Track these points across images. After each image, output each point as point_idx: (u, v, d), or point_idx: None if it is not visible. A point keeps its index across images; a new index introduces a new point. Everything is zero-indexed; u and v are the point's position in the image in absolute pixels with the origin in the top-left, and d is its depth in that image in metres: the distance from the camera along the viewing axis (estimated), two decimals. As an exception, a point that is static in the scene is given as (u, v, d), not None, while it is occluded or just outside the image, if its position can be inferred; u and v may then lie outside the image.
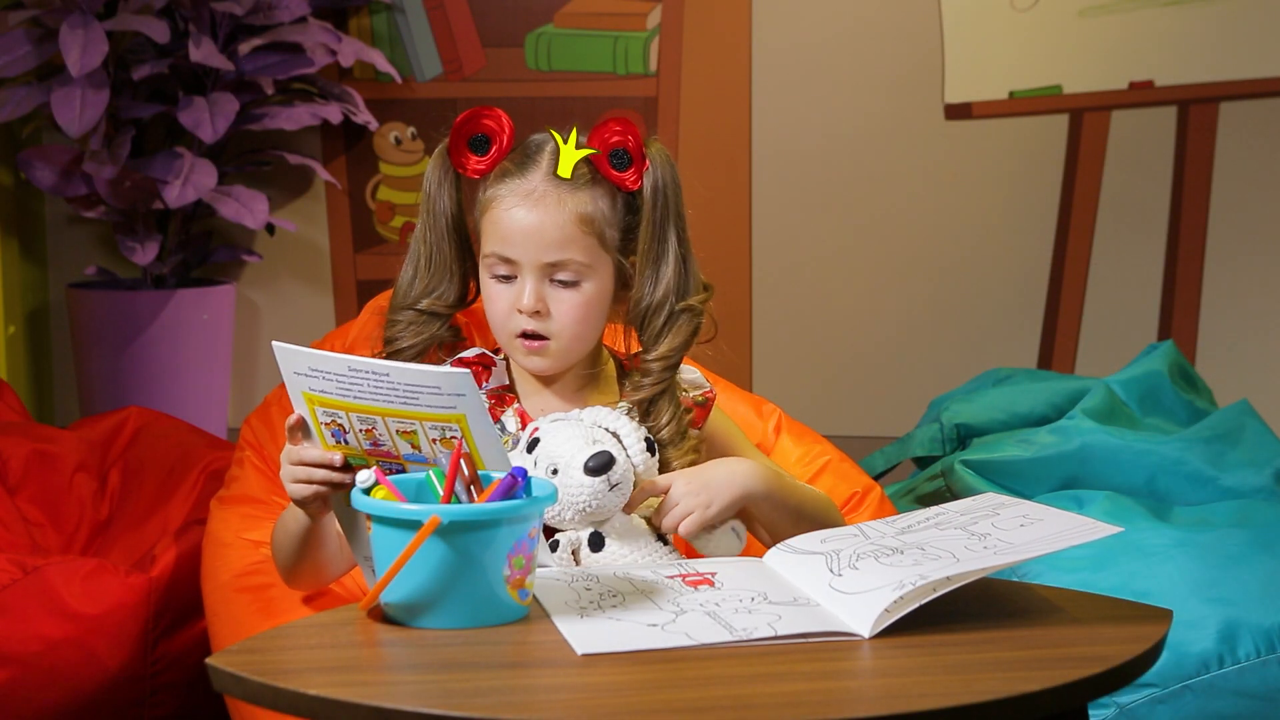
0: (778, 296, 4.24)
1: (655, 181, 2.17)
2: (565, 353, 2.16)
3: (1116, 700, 2.51)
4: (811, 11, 4.17)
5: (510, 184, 2.14)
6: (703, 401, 2.24)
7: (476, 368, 2.21)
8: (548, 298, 2.13)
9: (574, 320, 2.14)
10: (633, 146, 2.16)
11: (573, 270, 2.13)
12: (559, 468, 2.06)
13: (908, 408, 3.91)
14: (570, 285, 2.14)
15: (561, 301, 2.14)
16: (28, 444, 2.94)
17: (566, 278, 2.13)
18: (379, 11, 4.22)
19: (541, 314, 2.13)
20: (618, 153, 2.16)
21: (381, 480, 1.86)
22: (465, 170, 2.18)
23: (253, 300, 4.31)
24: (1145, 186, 4.15)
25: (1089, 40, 4.11)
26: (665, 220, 2.17)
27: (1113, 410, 3.03)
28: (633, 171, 2.16)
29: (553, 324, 2.14)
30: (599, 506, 2.06)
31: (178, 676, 2.59)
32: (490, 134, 2.17)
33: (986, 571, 1.86)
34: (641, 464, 2.11)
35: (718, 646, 1.78)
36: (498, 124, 2.17)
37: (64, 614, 2.50)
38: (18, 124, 4.06)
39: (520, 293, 2.13)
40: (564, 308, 2.14)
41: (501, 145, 2.17)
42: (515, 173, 2.15)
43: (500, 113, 2.18)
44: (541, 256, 2.12)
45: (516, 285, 2.14)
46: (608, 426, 2.11)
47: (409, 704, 1.63)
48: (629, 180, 2.16)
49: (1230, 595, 2.53)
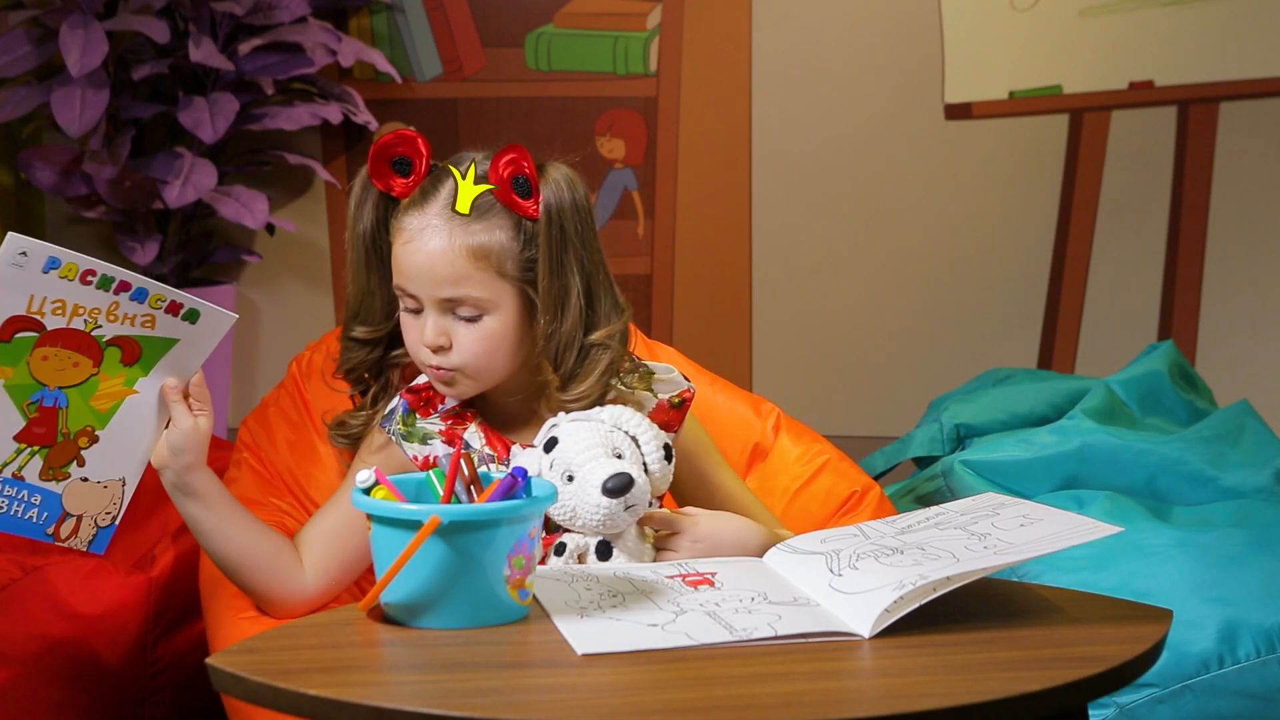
0: (778, 296, 4.24)
1: (549, 209, 2.11)
2: (478, 380, 2.14)
3: (1116, 700, 2.51)
4: (811, 12, 4.17)
5: (409, 218, 2.12)
6: (678, 403, 2.22)
7: (427, 393, 2.20)
8: (451, 331, 2.11)
9: (477, 354, 2.12)
10: (529, 173, 2.10)
11: (470, 305, 2.10)
12: (575, 476, 2.05)
13: (908, 408, 3.91)
14: (471, 320, 2.11)
15: (463, 335, 2.11)
16: (28, 444, 2.93)
17: (466, 313, 2.11)
18: (379, 11, 4.22)
19: (445, 348, 2.12)
20: (519, 180, 2.11)
21: (381, 480, 1.86)
22: (391, 191, 2.15)
23: (253, 300, 4.31)
24: (1145, 186, 4.15)
25: (1089, 40, 4.11)
26: (564, 250, 2.11)
27: (1113, 410, 3.03)
28: (534, 200, 2.11)
29: (455, 357, 2.12)
30: (612, 525, 2.06)
31: (178, 676, 2.59)
32: (410, 157, 2.14)
33: (986, 571, 1.86)
34: (659, 471, 2.10)
35: (718, 646, 1.78)
36: (413, 149, 2.14)
37: (64, 614, 2.50)
38: (18, 124, 4.06)
39: (423, 326, 2.12)
40: (466, 342, 2.11)
41: (418, 171, 2.14)
42: (415, 206, 2.12)
43: (414, 133, 2.14)
44: (436, 292, 2.10)
45: (421, 319, 2.13)
46: (628, 430, 2.10)
47: (409, 704, 1.63)
48: (531, 208, 2.11)
49: (1230, 595, 2.53)
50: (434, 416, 2.18)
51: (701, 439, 2.27)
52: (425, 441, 2.17)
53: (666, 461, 2.11)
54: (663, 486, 2.13)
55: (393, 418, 2.18)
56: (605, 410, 2.10)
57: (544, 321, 2.12)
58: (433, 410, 2.19)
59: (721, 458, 2.30)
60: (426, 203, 2.11)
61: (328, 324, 4.26)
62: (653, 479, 2.09)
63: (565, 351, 2.13)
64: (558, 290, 2.11)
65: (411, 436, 2.17)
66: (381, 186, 2.15)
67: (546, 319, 2.11)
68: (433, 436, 2.17)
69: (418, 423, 2.18)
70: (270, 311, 4.32)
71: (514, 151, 2.11)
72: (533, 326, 2.14)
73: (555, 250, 2.11)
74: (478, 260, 2.09)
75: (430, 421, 2.18)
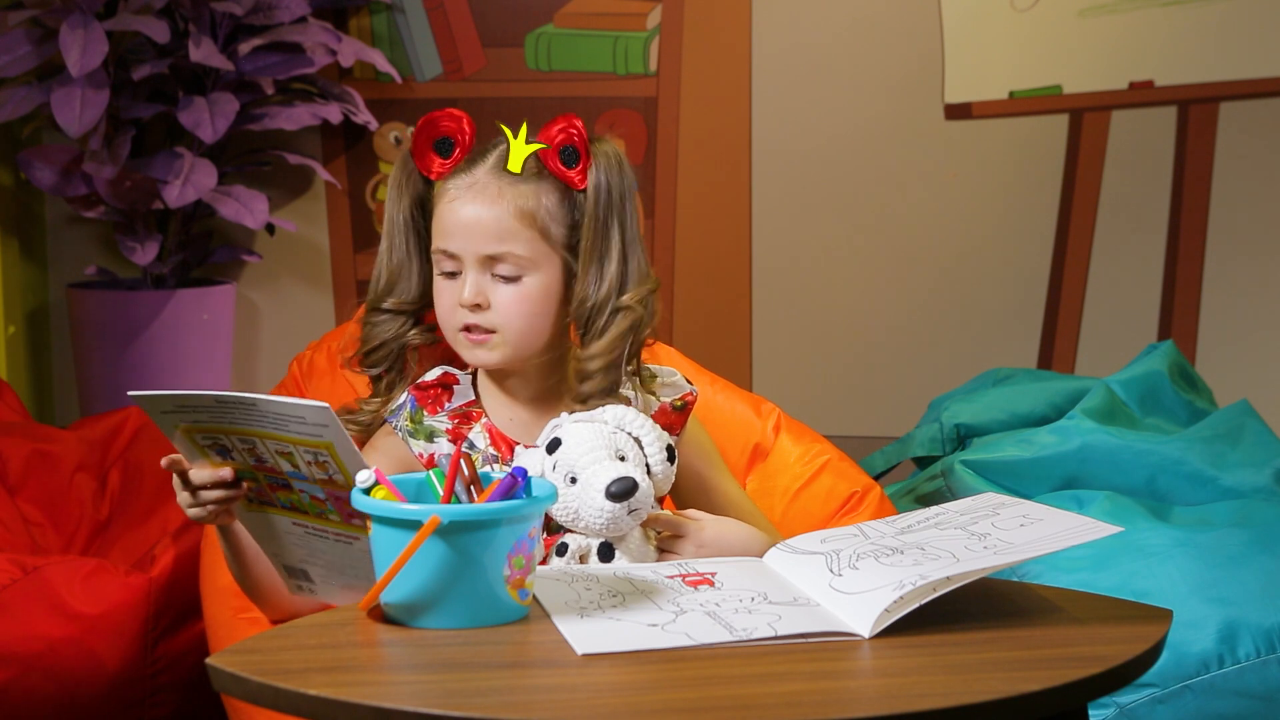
0: (778, 296, 4.24)
1: (599, 179, 2.14)
2: (513, 345, 2.14)
3: (1116, 700, 2.51)
4: (811, 11, 4.17)
5: (454, 180, 2.14)
6: (680, 406, 2.23)
7: (435, 390, 2.21)
8: (489, 291, 2.13)
9: (515, 314, 2.13)
10: (579, 143, 2.14)
11: (513, 264, 2.12)
12: (578, 478, 2.05)
13: (908, 408, 3.91)
14: (511, 279, 2.13)
15: (502, 295, 2.13)
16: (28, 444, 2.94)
17: (507, 271, 2.12)
18: (379, 11, 4.22)
19: (482, 307, 2.12)
20: (567, 149, 2.14)
21: (381, 480, 1.86)
22: (430, 172, 2.17)
23: (253, 300, 4.31)
24: (1145, 186, 4.15)
25: (1089, 40, 4.11)
26: (609, 216, 2.14)
27: (1113, 410, 3.03)
28: (580, 169, 2.15)
29: (495, 317, 2.13)
30: (615, 528, 2.06)
31: (178, 676, 2.59)
32: (452, 135, 2.16)
33: (986, 571, 1.86)
34: (661, 473, 2.10)
35: (718, 646, 1.77)
36: (458, 125, 2.17)
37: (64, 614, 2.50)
38: (18, 124, 4.06)
39: (461, 286, 2.13)
40: (503, 301, 2.13)
41: (464, 145, 2.16)
42: (463, 170, 2.15)
43: (461, 114, 2.18)
44: (480, 249, 2.11)
45: (460, 280, 2.13)
46: (631, 431, 2.09)
47: (409, 704, 1.63)
48: (577, 178, 2.15)
49: (1230, 595, 2.53)
50: (441, 414, 2.19)
51: (703, 443, 2.27)
52: (431, 439, 2.17)
53: (669, 463, 2.11)
54: (665, 488, 2.13)
55: (400, 413, 2.18)
56: (608, 411, 2.10)
57: (579, 286, 2.14)
58: (440, 408, 2.19)
59: (722, 462, 2.30)
60: (474, 165, 2.14)
61: (328, 324, 4.26)
62: (655, 481, 2.09)
63: (597, 314, 2.15)
64: (600, 252, 2.14)
65: (418, 433, 2.17)
66: (421, 166, 2.17)
67: (585, 281, 2.14)
68: (439, 434, 2.18)
69: (425, 419, 2.18)
70: (270, 311, 4.32)
71: (567, 120, 2.14)
72: (566, 298, 2.16)
73: (603, 214, 2.14)
74: (524, 219, 2.12)
75: (437, 419, 2.18)
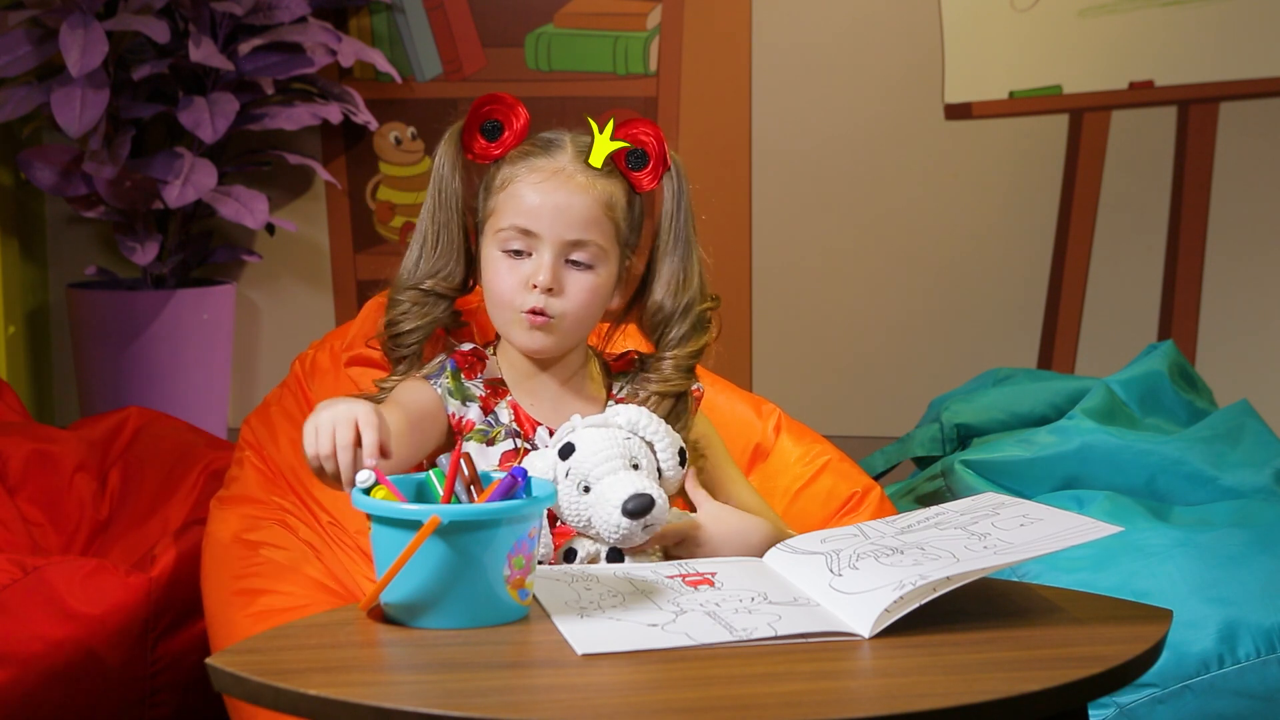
0: (778, 296, 4.24)
1: (676, 185, 2.21)
2: (566, 334, 2.17)
3: (1116, 700, 2.51)
4: (811, 11, 4.17)
5: (535, 162, 2.16)
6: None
7: (472, 359, 2.22)
8: (561, 276, 2.15)
9: (582, 303, 2.16)
10: (655, 149, 2.19)
11: (590, 252, 2.15)
12: (592, 488, 2.05)
13: (908, 408, 3.91)
14: (585, 268, 2.16)
15: (574, 282, 2.15)
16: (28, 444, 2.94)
17: (583, 259, 2.15)
18: (379, 11, 4.22)
19: (554, 292, 2.15)
20: (637, 153, 2.19)
21: (381, 480, 1.86)
22: (471, 154, 2.19)
23: (253, 300, 4.31)
24: (1145, 186, 4.15)
25: (1089, 40, 4.11)
26: (688, 223, 2.20)
27: (1113, 410, 3.03)
28: (648, 173, 2.19)
29: (562, 303, 2.15)
30: (627, 541, 2.05)
31: (178, 676, 2.59)
32: (504, 120, 2.19)
33: (986, 571, 1.86)
34: (673, 476, 2.10)
35: (718, 646, 1.77)
36: (513, 111, 2.20)
37: (64, 614, 2.50)
38: (18, 124, 4.06)
39: (536, 269, 2.14)
40: (575, 289, 2.15)
41: (515, 131, 2.19)
42: (540, 152, 2.17)
43: (516, 101, 2.20)
44: (565, 233, 2.14)
45: (531, 262, 2.15)
46: (644, 435, 2.09)
47: (409, 704, 1.63)
48: (644, 180, 2.19)
49: (1230, 595, 2.53)
50: (477, 380, 2.20)
51: (710, 436, 2.29)
52: (465, 402, 2.19)
53: (681, 467, 2.11)
54: (675, 489, 2.13)
55: (441, 374, 2.20)
56: (622, 414, 2.09)
57: (656, 286, 2.20)
58: (474, 376, 2.21)
59: (729, 457, 2.31)
60: (553, 151, 2.17)
61: (328, 324, 4.26)
62: (667, 482, 2.09)
63: (681, 317, 2.21)
64: (683, 255, 2.20)
65: (456, 393, 2.19)
66: (476, 148, 2.19)
67: (663, 284, 2.20)
68: (473, 399, 2.19)
69: (463, 381, 2.19)
70: (270, 311, 4.32)
71: (647, 125, 2.19)
72: (613, 296, 2.21)
73: (682, 222, 2.21)
74: (607, 211, 2.16)
75: (474, 384, 2.20)
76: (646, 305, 2.22)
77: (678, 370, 2.21)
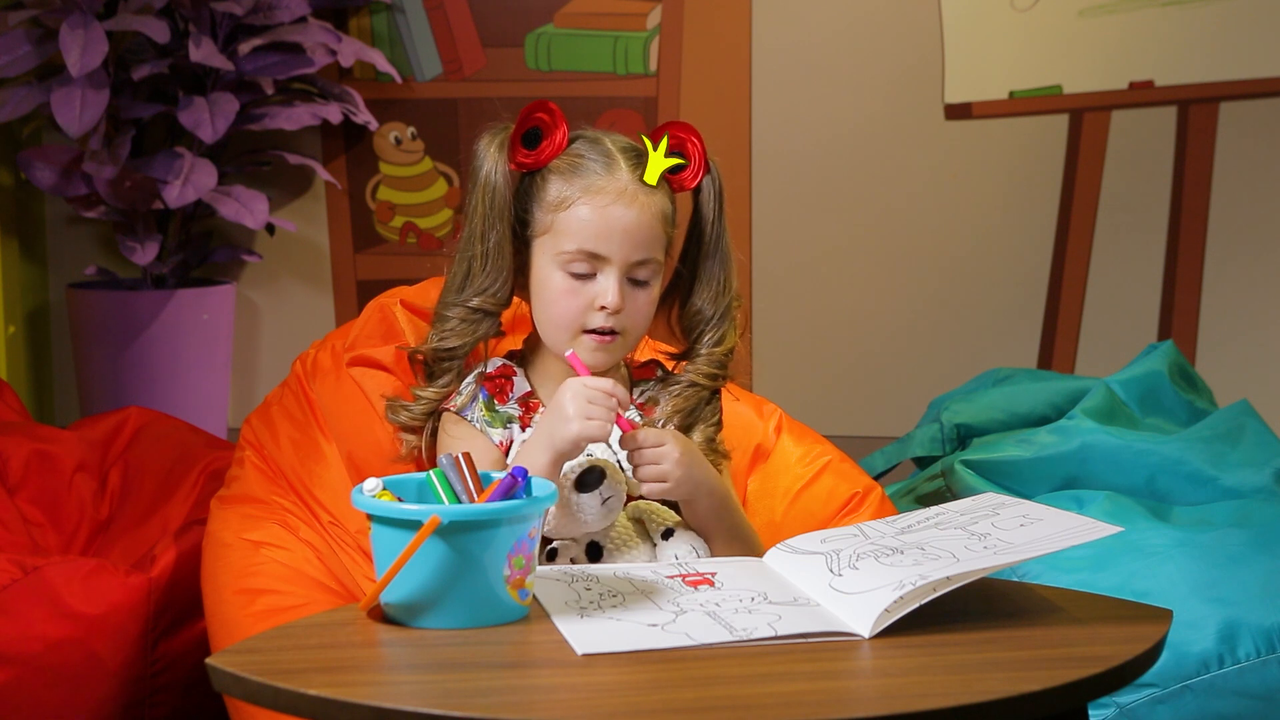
0: (778, 296, 4.24)
1: (714, 189, 2.22)
2: (628, 347, 2.21)
3: (1116, 700, 2.51)
4: (811, 11, 4.17)
5: (596, 182, 2.15)
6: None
7: (500, 381, 2.22)
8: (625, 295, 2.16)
9: (645, 316, 2.19)
10: (697, 154, 2.20)
11: (650, 269, 2.17)
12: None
13: (908, 408, 3.91)
14: (643, 284, 2.17)
15: (636, 299, 2.17)
16: (28, 444, 2.94)
17: (643, 276, 2.16)
18: (379, 11, 4.22)
19: (621, 311, 2.15)
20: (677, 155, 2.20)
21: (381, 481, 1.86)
22: (512, 163, 2.17)
23: (253, 300, 4.31)
24: (1145, 186, 4.15)
25: (1089, 40, 4.11)
26: (722, 231, 2.23)
27: (1113, 410, 3.03)
28: (689, 174, 2.20)
29: (625, 320, 2.16)
30: (594, 524, 2.07)
31: (178, 676, 2.59)
32: (544, 129, 2.17)
33: (986, 571, 1.86)
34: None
35: (718, 646, 1.78)
36: (555, 121, 2.17)
37: (64, 614, 2.50)
38: (18, 124, 4.06)
39: (603, 290, 2.14)
40: (637, 305, 2.17)
41: (555, 142, 2.17)
42: (601, 173, 2.15)
43: (558, 109, 2.18)
44: (631, 255, 2.15)
45: (596, 284, 2.15)
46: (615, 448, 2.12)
47: (409, 704, 1.63)
48: (686, 180, 2.20)
49: (1230, 595, 2.53)
50: (511, 401, 2.21)
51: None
52: (505, 426, 2.20)
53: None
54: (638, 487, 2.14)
55: (474, 406, 2.20)
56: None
57: (699, 290, 2.23)
58: (506, 398, 2.22)
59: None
60: (613, 169, 2.16)
61: (328, 324, 4.26)
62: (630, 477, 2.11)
63: (720, 319, 2.23)
64: (724, 257, 2.23)
65: (495, 421, 2.20)
66: (522, 156, 2.17)
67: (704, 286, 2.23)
68: (513, 420, 2.20)
69: (498, 408, 2.21)
70: (270, 311, 4.32)
71: (687, 130, 2.19)
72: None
73: (721, 225, 2.23)
74: (664, 225, 2.18)
75: (509, 407, 2.21)
76: (686, 309, 2.24)
77: (713, 365, 2.23)
